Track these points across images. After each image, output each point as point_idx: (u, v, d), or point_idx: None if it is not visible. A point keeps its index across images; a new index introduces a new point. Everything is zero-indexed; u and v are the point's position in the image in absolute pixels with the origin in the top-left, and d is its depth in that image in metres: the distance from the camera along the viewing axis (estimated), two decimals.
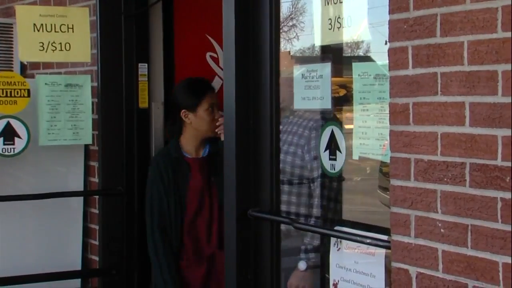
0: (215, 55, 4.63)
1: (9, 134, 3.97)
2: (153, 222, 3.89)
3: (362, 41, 3.02)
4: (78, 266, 4.35)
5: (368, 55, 3.13)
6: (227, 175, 3.30)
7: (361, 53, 3.20)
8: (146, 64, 4.24)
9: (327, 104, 3.04)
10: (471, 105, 2.07)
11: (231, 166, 3.28)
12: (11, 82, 3.93)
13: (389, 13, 2.34)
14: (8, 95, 3.91)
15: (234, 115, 3.24)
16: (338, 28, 2.88)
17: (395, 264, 2.35)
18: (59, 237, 4.32)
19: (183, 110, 3.89)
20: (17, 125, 4.00)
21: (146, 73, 4.23)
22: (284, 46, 3.41)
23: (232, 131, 3.26)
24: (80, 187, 4.36)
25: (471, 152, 2.07)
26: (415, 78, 2.26)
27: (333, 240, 2.93)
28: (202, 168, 3.95)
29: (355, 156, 2.83)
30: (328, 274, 2.95)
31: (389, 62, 2.35)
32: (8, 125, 3.97)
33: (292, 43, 3.67)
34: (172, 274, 3.87)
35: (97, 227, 4.28)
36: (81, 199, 4.38)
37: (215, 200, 3.95)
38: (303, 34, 3.63)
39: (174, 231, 3.91)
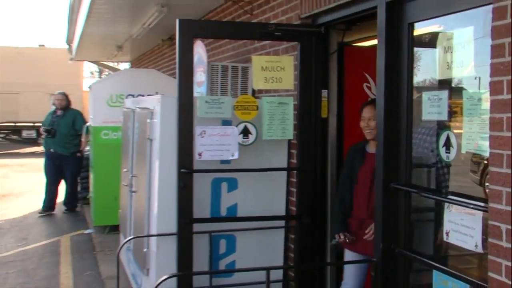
0: (369, 85, 4.54)
1: (246, 132, 4.08)
2: (337, 189, 3.83)
3: (467, 77, 2.88)
4: (283, 213, 4.40)
5: (466, 85, 2.99)
6: (377, 160, 3.25)
7: (465, 84, 3.06)
8: (326, 90, 4.19)
9: (444, 117, 2.91)
10: None
11: (380, 154, 3.22)
12: (247, 101, 4.05)
13: (491, 58, 2.22)
14: (246, 109, 4.02)
15: (383, 123, 3.18)
16: (453, 68, 2.77)
17: (491, 222, 2.23)
18: (272, 195, 4.38)
19: None
20: (250, 127, 4.09)
21: (326, 96, 4.19)
22: None
23: (381, 132, 3.20)
24: (285, 165, 4.40)
25: None
26: (507, 101, 2.13)
27: (446, 204, 2.81)
28: (372, 160, 3.61)
29: (463, 151, 2.70)
30: (443, 226, 2.84)
31: (490, 91, 2.24)
32: (245, 127, 4.08)
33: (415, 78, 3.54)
34: (340, 222, 3.82)
35: (294, 190, 4.31)
36: (285, 172, 4.42)
37: (373, 182, 3.69)
38: (422, 72, 3.50)
39: (347, 197, 3.81)
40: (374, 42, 4.47)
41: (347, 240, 3.76)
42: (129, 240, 4.66)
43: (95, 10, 6.63)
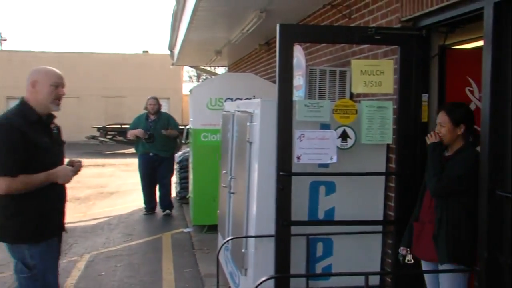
0: (471, 89, 4.35)
1: (344, 136, 4.07)
2: None
3: None
4: (381, 218, 4.34)
5: None
6: (482, 166, 3.14)
7: None
8: (427, 94, 4.08)
9: None
10: None
11: (485, 160, 3.11)
12: (346, 105, 4.02)
13: None
14: (345, 112, 4.00)
15: (488, 127, 3.08)
16: None
17: None
18: (370, 200, 4.33)
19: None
20: (349, 131, 4.08)
21: (427, 100, 4.08)
22: None
23: (486, 137, 3.10)
24: (383, 170, 4.33)
25: None
26: None
27: None
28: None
29: None
30: None
31: None
32: (344, 130, 4.07)
33: None
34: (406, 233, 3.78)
35: (393, 195, 4.24)
36: (383, 177, 4.35)
37: None
38: None
39: (418, 202, 3.72)
40: (477, 44, 4.31)
41: (407, 259, 3.70)
42: (228, 240, 4.78)
43: (197, 17, 6.87)
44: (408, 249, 3.72)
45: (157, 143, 9.03)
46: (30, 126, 3.46)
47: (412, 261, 3.72)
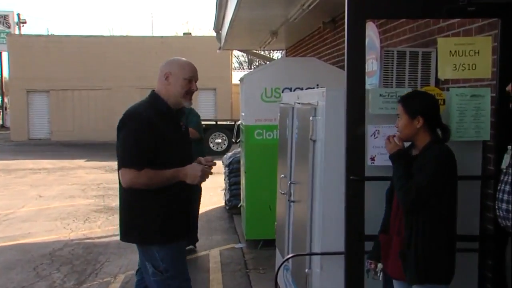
0: None
1: None
2: None
3: None
4: (477, 233, 4.24)
5: None
6: None
7: None
8: None
9: None
10: None
11: None
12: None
13: None
14: None
15: None
16: None
17: None
18: (463, 210, 4.11)
19: None
20: None
21: None
22: None
23: None
24: (479, 173, 4.24)
25: None
26: None
27: None
28: None
29: None
30: None
31: None
32: None
33: None
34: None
35: (492, 204, 4.11)
36: (479, 182, 4.26)
37: None
38: None
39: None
40: None
41: (377, 272, 3.80)
42: (288, 258, 4.79)
43: None
44: (379, 264, 3.79)
45: None
46: (160, 117, 3.86)
47: (380, 279, 3.82)
